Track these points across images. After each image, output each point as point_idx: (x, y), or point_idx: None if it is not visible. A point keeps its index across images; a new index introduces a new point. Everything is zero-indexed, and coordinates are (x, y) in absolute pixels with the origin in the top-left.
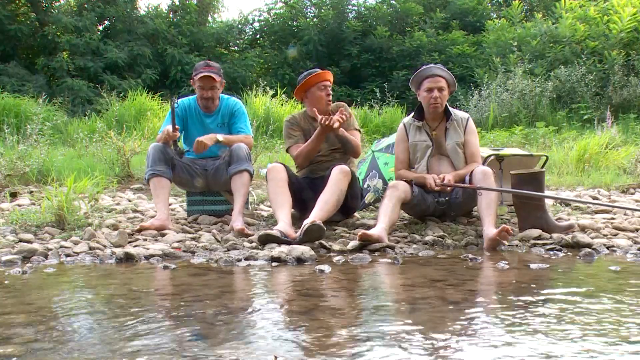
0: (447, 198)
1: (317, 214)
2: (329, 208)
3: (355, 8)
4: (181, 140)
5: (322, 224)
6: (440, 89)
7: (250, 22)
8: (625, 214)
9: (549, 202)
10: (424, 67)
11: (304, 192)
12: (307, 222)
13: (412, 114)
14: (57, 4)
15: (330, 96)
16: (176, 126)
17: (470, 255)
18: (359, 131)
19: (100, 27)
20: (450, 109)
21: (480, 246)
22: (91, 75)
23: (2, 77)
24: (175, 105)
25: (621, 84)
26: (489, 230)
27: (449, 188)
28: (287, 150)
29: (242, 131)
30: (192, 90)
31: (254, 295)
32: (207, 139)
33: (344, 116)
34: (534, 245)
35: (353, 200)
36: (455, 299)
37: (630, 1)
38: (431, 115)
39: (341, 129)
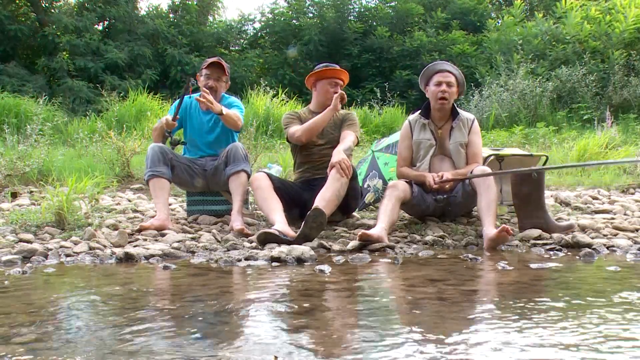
0: (445, 196)
1: (320, 203)
2: (330, 197)
3: (357, 8)
4: (181, 135)
5: (323, 210)
6: (449, 84)
7: (251, 22)
8: (625, 214)
9: (549, 203)
10: (436, 62)
11: (303, 194)
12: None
13: (419, 111)
14: (58, 3)
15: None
16: (177, 116)
17: (470, 255)
18: (357, 139)
19: (100, 27)
20: (458, 109)
21: (480, 246)
22: (91, 76)
23: (2, 77)
24: (192, 84)
25: (621, 84)
26: (489, 230)
27: (447, 186)
28: (287, 138)
29: (235, 110)
30: (192, 90)
31: (254, 295)
32: (217, 105)
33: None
34: (534, 245)
35: (353, 200)
36: (455, 299)
37: (634, 1)
38: (438, 112)
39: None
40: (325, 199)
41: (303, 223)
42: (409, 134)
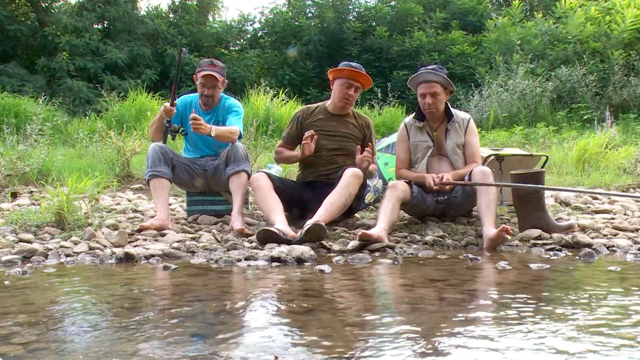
0: (446, 197)
1: (321, 214)
2: (334, 210)
3: (357, 9)
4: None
5: (324, 225)
6: (433, 95)
7: (251, 22)
8: (625, 214)
9: (549, 203)
10: (420, 70)
11: (305, 193)
12: (309, 222)
13: (414, 114)
14: (58, 3)
15: (352, 98)
16: (174, 101)
17: (470, 255)
18: (375, 154)
19: (100, 27)
20: (452, 109)
21: (480, 246)
22: (91, 76)
23: (2, 77)
24: (184, 54)
25: (621, 84)
26: (489, 230)
27: (447, 187)
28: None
29: (231, 124)
30: (192, 90)
31: (254, 295)
32: (206, 126)
33: (368, 159)
34: (534, 245)
35: (355, 201)
36: (455, 299)
37: (633, 1)
38: (430, 117)
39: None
40: (330, 204)
41: (304, 232)
42: (406, 137)
